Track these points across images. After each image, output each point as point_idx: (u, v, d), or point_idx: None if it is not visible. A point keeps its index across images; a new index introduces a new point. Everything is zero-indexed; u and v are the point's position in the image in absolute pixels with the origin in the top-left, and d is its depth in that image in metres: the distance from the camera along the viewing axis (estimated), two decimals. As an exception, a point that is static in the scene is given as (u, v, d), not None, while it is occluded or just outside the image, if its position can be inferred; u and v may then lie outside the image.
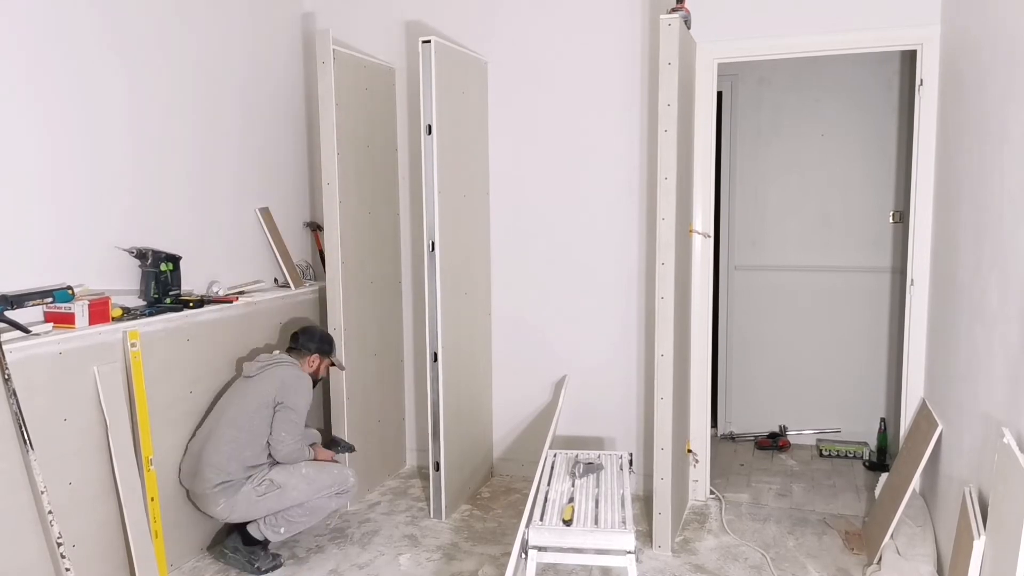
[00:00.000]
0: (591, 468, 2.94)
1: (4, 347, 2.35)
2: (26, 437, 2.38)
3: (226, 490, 2.95)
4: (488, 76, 3.86)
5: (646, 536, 3.24)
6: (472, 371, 3.79)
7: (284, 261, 3.78)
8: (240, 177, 3.62)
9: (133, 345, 2.80)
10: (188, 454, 3.05)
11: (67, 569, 2.45)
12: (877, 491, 3.52)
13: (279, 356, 3.19)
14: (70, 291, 2.64)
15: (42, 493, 2.42)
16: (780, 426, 4.59)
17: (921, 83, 3.31)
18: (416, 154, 3.96)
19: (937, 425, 2.96)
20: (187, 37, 3.29)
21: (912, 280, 3.42)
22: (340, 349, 3.55)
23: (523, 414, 4.01)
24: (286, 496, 3.01)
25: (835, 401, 4.52)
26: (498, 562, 3.10)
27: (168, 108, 3.19)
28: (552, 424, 3.55)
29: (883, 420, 4.30)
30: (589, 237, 3.79)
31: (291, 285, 3.76)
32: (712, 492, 3.77)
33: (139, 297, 3.03)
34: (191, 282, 3.26)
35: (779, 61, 4.03)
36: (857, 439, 4.44)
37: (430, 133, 3.32)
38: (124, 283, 2.98)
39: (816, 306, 4.51)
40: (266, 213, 3.77)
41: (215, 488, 2.94)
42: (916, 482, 3.00)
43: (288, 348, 3.28)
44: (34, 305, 2.54)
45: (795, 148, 4.48)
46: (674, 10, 3.03)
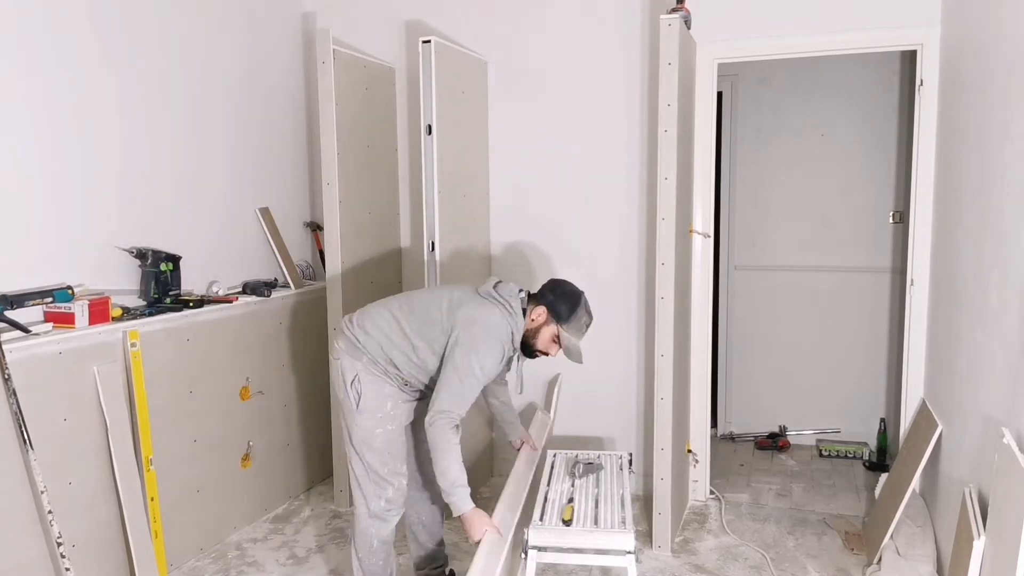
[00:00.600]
0: (591, 468, 2.94)
1: (4, 347, 2.35)
2: (26, 437, 2.38)
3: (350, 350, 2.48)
4: (488, 76, 3.86)
5: (646, 536, 3.24)
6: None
7: (284, 261, 3.78)
8: (240, 177, 3.62)
9: (133, 345, 2.80)
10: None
11: (67, 569, 2.45)
12: (877, 491, 3.52)
13: (502, 291, 2.51)
14: (70, 291, 2.64)
15: (42, 493, 2.42)
16: (780, 426, 4.59)
17: (921, 83, 3.31)
18: (416, 154, 3.96)
19: (937, 425, 2.96)
20: (187, 37, 3.29)
21: (912, 280, 3.42)
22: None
23: (523, 414, 4.01)
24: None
25: (835, 401, 4.52)
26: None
27: (168, 108, 3.19)
28: (549, 423, 3.54)
29: (883, 420, 4.30)
30: (589, 237, 3.79)
31: (291, 285, 3.76)
32: (712, 492, 3.77)
33: (139, 297, 3.03)
34: (191, 282, 3.26)
35: (779, 61, 4.03)
36: (857, 439, 4.44)
37: (430, 133, 3.32)
38: (124, 283, 2.99)
39: (816, 306, 4.51)
40: (266, 213, 3.77)
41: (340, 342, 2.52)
42: (916, 482, 3.00)
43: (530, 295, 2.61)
44: (34, 305, 2.54)
45: (795, 148, 4.48)
46: (674, 10, 3.03)
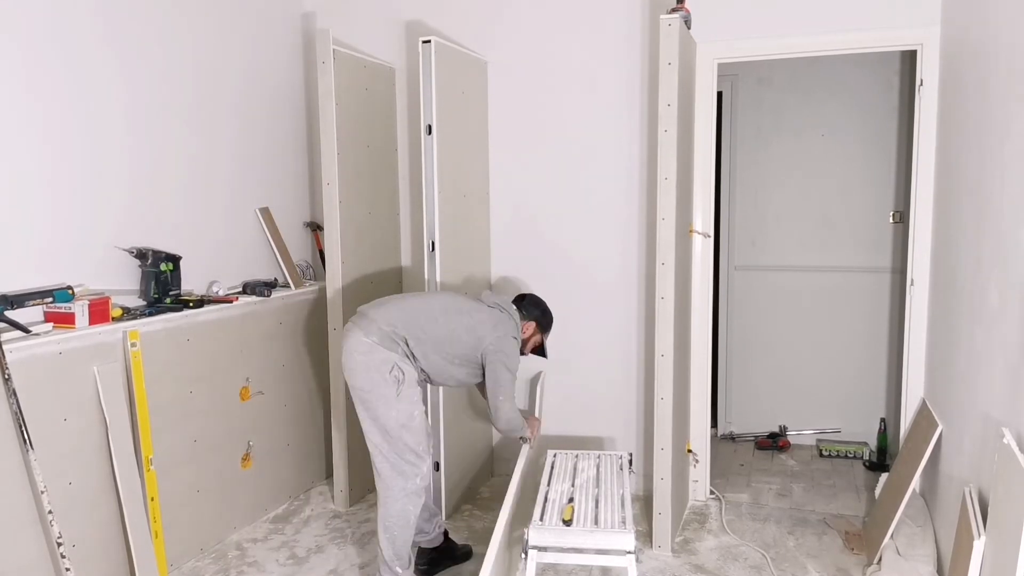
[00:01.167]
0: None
1: (4, 347, 2.35)
2: (26, 437, 2.38)
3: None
4: (488, 76, 3.86)
5: (646, 536, 3.24)
6: (472, 371, 3.79)
7: (284, 261, 3.78)
8: (240, 177, 3.62)
9: (133, 345, 2.80)
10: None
11: (67, 569, 2.45)
12: (877, 491, 3.52)
13: (509, 306, 2.97)
14: (70, 291, 2.64)
15: (42, 493, 2.42)
16: (780, 426, 4.59)
17: (921, 83, 3.31)
18: (416, 154, 3.96)
19: (937, 425, 2.96)
20: (187, 37, 3.29)
21: (912, 280, 3.42)
22: (340, 349, 3.53)
23: (522, 411, 4.01)
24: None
25: (835, 401, 4.52)
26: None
27: (168, 108, 3.19)
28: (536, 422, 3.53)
29: (883, 420, 4.30)
30: (589, 237, 3.79)
31: (291, 285, 3.76)
32: (712, 492, 3.76)
33: (139, 297, 3.03)
34: (191, 282, 3.26)
35: (779, 61, 4.03)
36: (857, 439, 4.44)
37: (430, 133, 3.32)
38: (124, 283, 2.99)
39: (816, 306, 4.51)
40: (266, 213, 3.77)
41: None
42: (916, 482, 3.00)
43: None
44: (34, 305, 2.54)
45: (795, 148, 4.48)
46: (674, 10, 3.03)
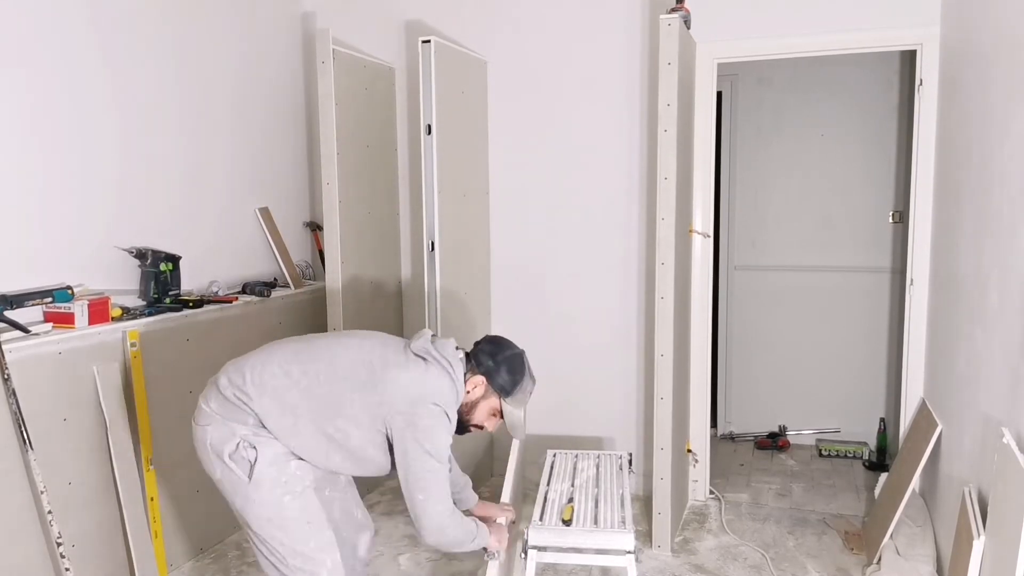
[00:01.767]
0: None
1: (4, 347, 2.35)
2: (26, 437, 2.38)
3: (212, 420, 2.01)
4: (488, 76, 3.86)
5: (646, 536, 3.24)
6: (472, 371, 3.79)
7: (284, 261, 3.78)
8: (239, 177, 3.62)
9: (133, 345, 2.80)
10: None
11: (67, 569, 2.45)
12: (877, 491, 3.52)
13: (446, 354, 2.10)
14: (70, 291, 2.64)
15: (41, 493, 2.42)
16: (780, 426, 4.59)
17: (921, 83, 3.31)
18: (416, 154, 3.96)
19: (937, 425, 2.96)
20: (187, 37, 3.29)
21: (912, 280, 3.42)
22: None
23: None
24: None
25: (835, 401, 4.52)
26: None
27: (167, 108, 3.19)
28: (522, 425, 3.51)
29: (883, 420, 4.30)
30: (589, 237, 3.79)
31: (291, 285, 3.76)
32: (712, 492, 3.76)
33: (139, 297, 3.03)
34: (190, 282, 3.26)
35: (779, 61, 4.03)
36: (857, 439, 4.44)
37: (430, 133, 3.32)
38: (124, 283, 2.98)
39: (816, 306, 4.51)
40: (266, 213, 3.77)
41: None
42: (916, 482, 3.00)
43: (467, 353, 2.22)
44: (34, 305, 2.54)
45: (795, 148, 4.47)
46: (674, 10, 3.03)
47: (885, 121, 4.29)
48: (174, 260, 3.06)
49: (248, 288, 3.49)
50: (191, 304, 3.09)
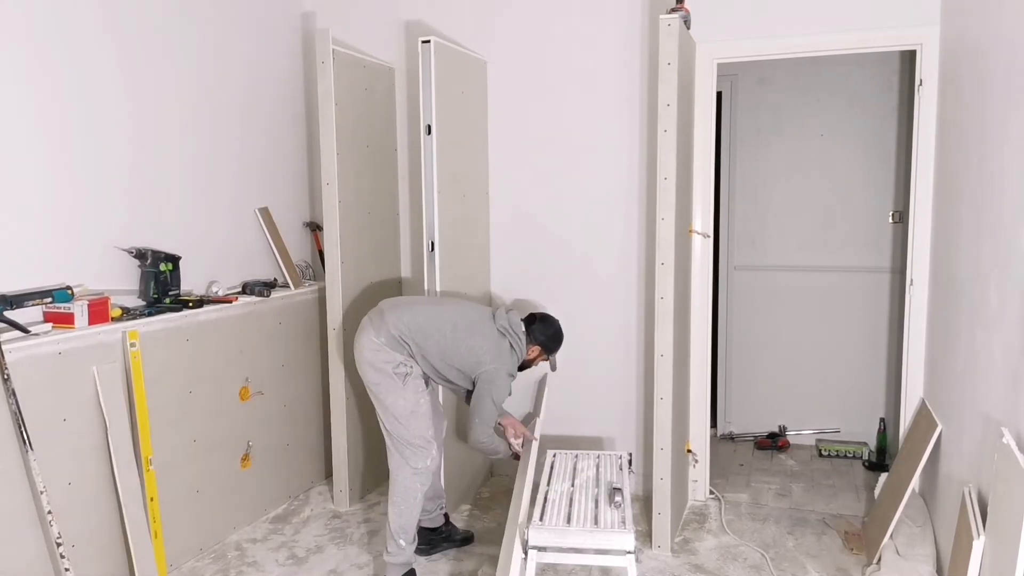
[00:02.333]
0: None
1: (4, 347, 2.35)
2: (25, 437, 2.38)
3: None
4: (488, 76, 3.86)
5: (646, 536, 3.24)
6: (472, 371, 3.79)
7: (284, 261, 3.78)
8: (239, 177, 3.62)
9: (133, 345, 2.80)
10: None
11: (66, 569, 2.45)
12: (877, 491, 3.52)
13: (517, 330, 3.03)
14: (69, 291, 2.64)
15: (41, 493, 2.42)
16: (780, 426, 4.59)
17: (921, 83, 3.31)
18: (416, 154, 3.96)
19: (937, 425, 2.96)
20: (186, 36, 3.29)
21: (912, 280, 3.42)
22: (340, 349, 3.55)
23: (523, 413, 4.01)
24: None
25: (835, 401, 4.52)
26: (498, 562, 3.09)
27: (167, 108, 3.19)
28: (536, 426, 3.53)
29: (883, 420, 4.30)
30: (589, 237, 3.79)
31: (291, 285, 3.76)
32: (712, 492, 3.76)
33: (138, 297, 3.03)
34: (190, 282, 3.26)
35: (779, 61, 4.03)
36: (857, 439, 4.44)
37: (430, 133, 3.32)
38: (123, 283, 2.98)
39: (816, 306, 4.51)
40: (265, 213, 3.77)
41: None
42: (916, 482, 3.00)
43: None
44: (34, 305, 2.54)
45: (795, 148, 4.48)
46: (674, 10, 3.03)
47: (885, 121, 4.29)
48: (174, 260, 3.06)
49: (248, 288, 3.49)
50: (191, 304, 3.09)
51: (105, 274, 2.91)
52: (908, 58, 4.10)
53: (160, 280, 3.01)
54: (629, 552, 2.46)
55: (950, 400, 2.88)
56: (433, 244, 3.36)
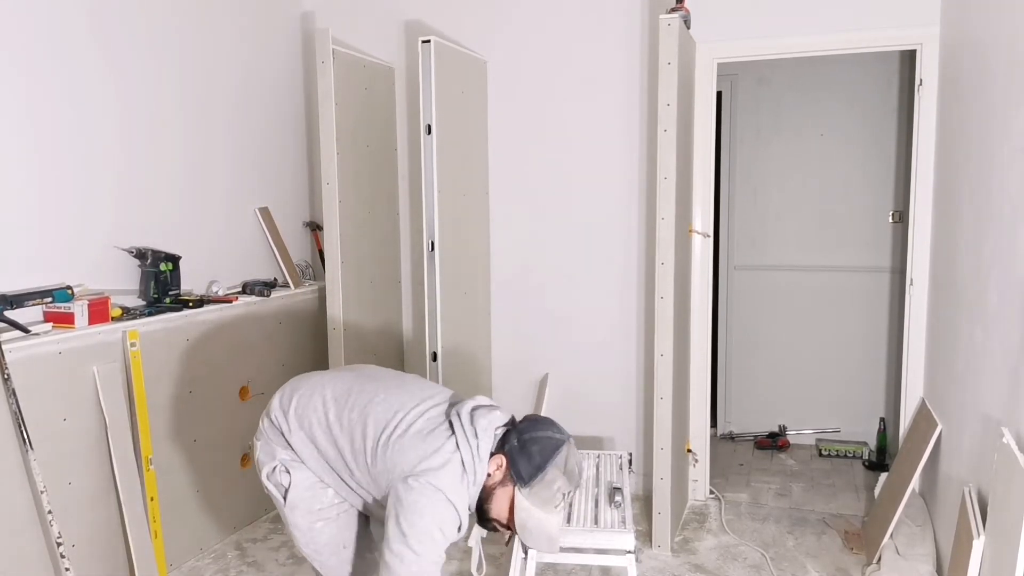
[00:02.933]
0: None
1: (4, 347, 2.35)
2: (26, 437, 2.38)
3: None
4: (488, 76, 3.86)
5: (646, 536, 3.24)
6: (472, 371, 3.79)
7: (284, 261, 3.78)
8: (239, 177, 3.62)
9: (133, 345, 2.80)
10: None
11: (67, 569, 2.45)
12: (877, 491, 3.52)
13: (475, 428, 1.83)
14: (69, 291, 2.64)
15: (42, 493, 2.42)
16: (780, 426, 4.59)
17: (920, 83, 3.31)
18: (416, 154, 3.96)
19: (937, 425, 2.96)
20: (187, 36, 3.29)
21: (911, 280, 3.42)
22: (340, 349, 3.54)
23: (523, 414, 4.01)
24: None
25: (835, 401, 4.52)
26: (498, 562, 3.10)
27: (166, 108, 3.19)
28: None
29: (883, 420, 4.30)
30: (589, 237, 3.79)
31: (291, 285, 3.76)
32: (712, 492, 3.77)
33: (138, 297, 3.03)
34: (190, 282, 3.25)
35: (779, 61, 4.03)
36: (857, 439, 4.44)
37: (430, 133, 3.32)
38: (123, 283, 2.98)
39: (816, 306, 4.51)
40: (265, 213, 3.76)
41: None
42: (915, 482, 3.00)
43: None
44: (34, 305, 2.54)
45: (795, 148, 4.48)
46: (674, 10, 3.03)
47: (885, 121, 4.29)
48: (174, 260, 3.06)
49: (248, 288, 3.49)
50: (191, 304, 3.09)
51: (105, 274, 2.91)
52: (908, 58, 4.10)
53: (160, 280, 3.01)
54: (629, 552, 2.46)
55: (950, 400, 2.89)
56: (433, 244, 3.36)
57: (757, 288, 4.62)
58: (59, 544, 2.44)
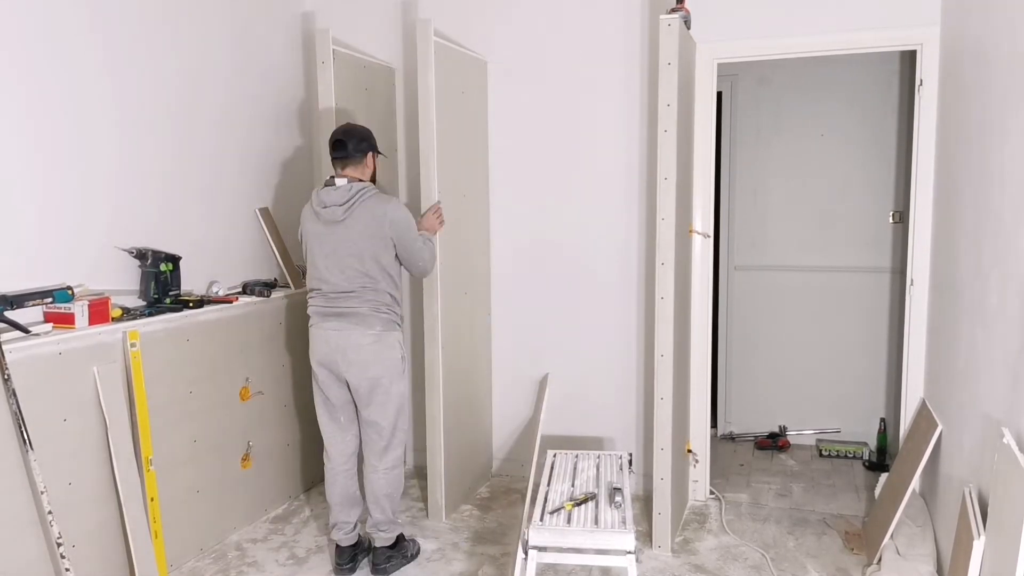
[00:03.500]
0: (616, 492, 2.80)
1: (4, 347, 2.35)
2: (26, 437, 2.38)
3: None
4: (488, 76, 3.86)
5: (646, 536, 3.24)
6: (472, 370, 3.79)
7: (284, 261, 3.78)
8: (239, 177, 3.62)
9: (133, 345, 2.80)
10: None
11: (67, 569, 2.45)
12: (877, 491, 3.52)
13: (353, 187, 2.85)
14: (70, 291, 2.64)
15: (42, 493, 2.42)
16: (780, 426, 4.59)
17: (921, 83, 3.31)
18: (415, 154, 3.96)
19: (937, 425, 2.96)
20: (186, 36, 3.29)
21: (912, 280, 3.42)
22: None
23: (524, 414, 4.01)
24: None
25: (835, 401, 4.52)
26: (498, 562, 3.10)
27: (166, 108, 3.19)
28: (538, 425, 3.54)
29: (883, 420, 4.30)
30: (589, 237, 3.79)
31: (291, 285, 3.76)
32: (712, 492, 3.76)
33: (139, 297, 3.03)
34: (191, 282, 3.26)
35: (779, 61, 4.03)
36: (857, 439, 4.44)
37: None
38: (124, 283, 2.98)
39: (816, 306, 4.51)
40: (266, 213, 3.77)
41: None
42: (916, 482, 3.00)
43: (338, 158, 2.88)
44: (34, 305, 2.54)
45: (795, 148, 4.48)
46: (674, 10, 3.03)
47: (885, 121, 4.29)
48: (174, 260, 3.07)
49: (248, 288, 3.49)
50: (191, 304, 3.09)
51: (105, 274, 2.91)
52: (908, 58, 4.10)
53: (160, 280, 3.01)
54: (629, 552, 2.46)
55: (950, 400, 2.89)
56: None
57: (757, 288, 4.62)
58: (59, 544, 2.44)
